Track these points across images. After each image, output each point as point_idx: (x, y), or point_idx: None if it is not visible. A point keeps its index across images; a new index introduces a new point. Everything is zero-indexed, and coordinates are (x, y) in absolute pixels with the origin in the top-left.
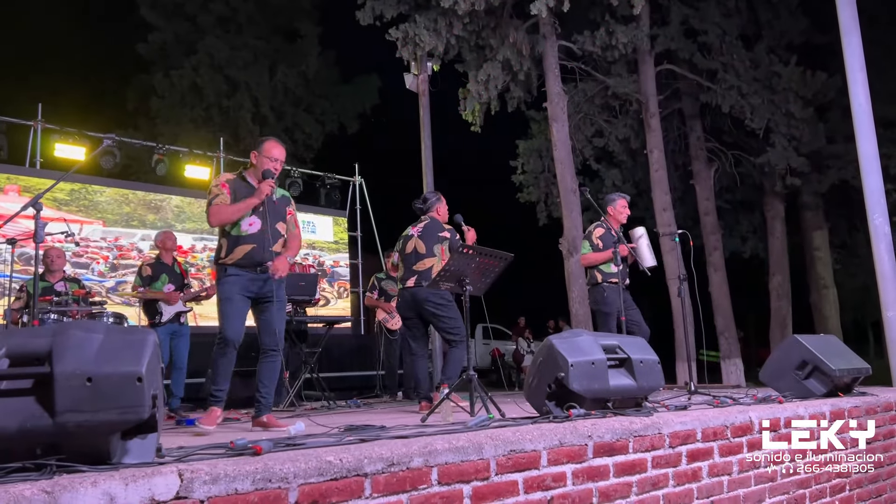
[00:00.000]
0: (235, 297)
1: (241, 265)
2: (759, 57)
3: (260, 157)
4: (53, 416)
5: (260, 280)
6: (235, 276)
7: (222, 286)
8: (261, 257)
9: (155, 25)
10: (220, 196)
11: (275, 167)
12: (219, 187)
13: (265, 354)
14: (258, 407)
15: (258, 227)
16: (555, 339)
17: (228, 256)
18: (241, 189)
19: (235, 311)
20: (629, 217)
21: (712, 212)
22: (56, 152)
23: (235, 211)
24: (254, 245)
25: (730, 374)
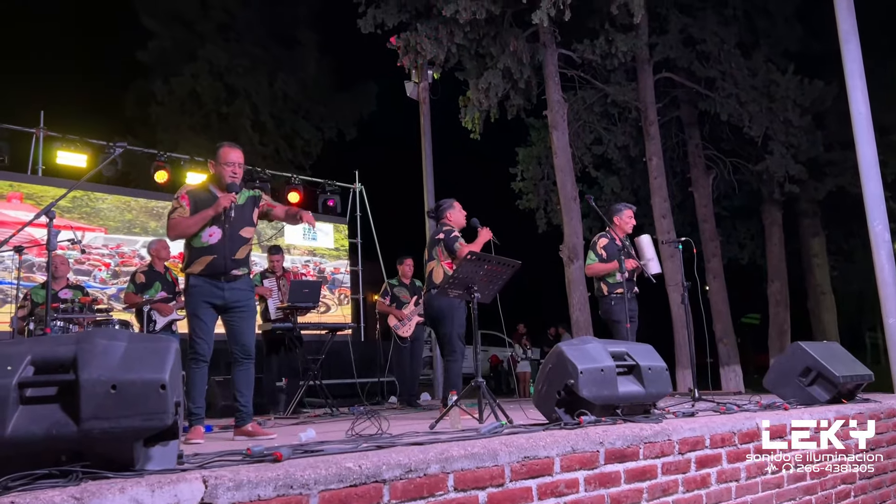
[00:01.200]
0: (201, 311)
1: (204, 275)
2: (756, 65)
3: (217, 165)
4: (78, 423)
5: (224, 289)
6: (198, 287)
7: (188, 299)
8: (222, 267)
9: (154, 32)
10: (180, 209)
11: (233, 171)
12: (178, 200)
13: (237, 364)
14: (240, 416)
15: (218, 237)
16: (564, 346)
17: (191, 267)
18: (204, 199)
19: (203, 326)
20: None
21: (710, 219)
22: (58, 159)
23: (192, 224)
24: (214, 255)
25: (729, 381)
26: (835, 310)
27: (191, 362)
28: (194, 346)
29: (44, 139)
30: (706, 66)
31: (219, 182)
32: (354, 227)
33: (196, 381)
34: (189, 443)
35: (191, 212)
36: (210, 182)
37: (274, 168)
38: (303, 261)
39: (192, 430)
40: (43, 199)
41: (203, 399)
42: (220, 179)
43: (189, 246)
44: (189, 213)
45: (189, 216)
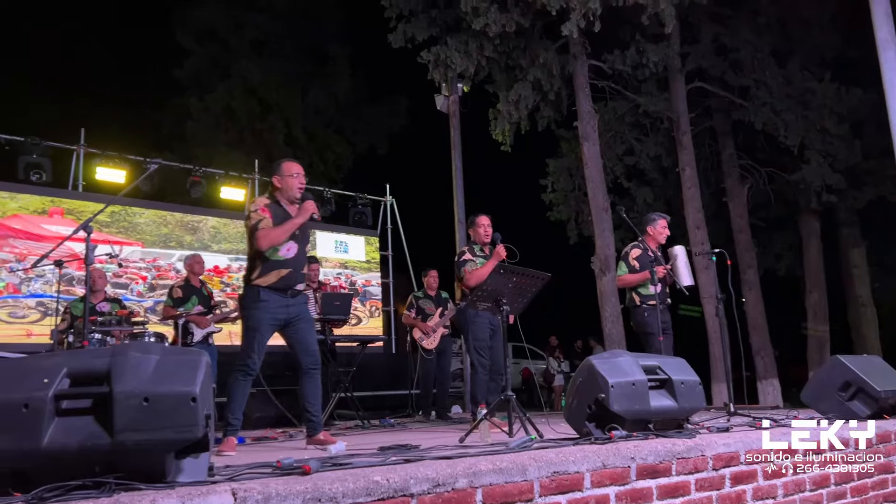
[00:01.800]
0: (264, 328)
1: (275, 288)
2: (791, 73)
3: (283, 178)
4: (112, 434)
5: (289, 304)
6: (266, 302)
7: (253, 312)
8: (294, 281)
9: (190, 50)
10: (264, 220)
11: (300, 182)
12: (259, 212)
13: (306, 373)
14: (311, 426)
15: (294, 251)
16: (595, 359)
17: (262, 278)
18: (278, 212)
19: (261, 341)
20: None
21: (746, 229)
22: (97, 175)
23: (283, 232)
24: (290, 269)
25: (767, 395)
26: (876, 322)
27: (238, 374)
28: (246, 359)
29: (84, 156)
30: (739, 75)
31: (285, 195)
32: (385, 239)
33: (239, 393)
34: (221, 454)
35: (273, 223)
36: (276, 196)
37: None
38: (334, 273)
39: (226, 442)
40: (83, 215)
41: (241, 412)
42: (286, 192)
43: (263, 259)
44: (272, 224)
45: (273, 227)
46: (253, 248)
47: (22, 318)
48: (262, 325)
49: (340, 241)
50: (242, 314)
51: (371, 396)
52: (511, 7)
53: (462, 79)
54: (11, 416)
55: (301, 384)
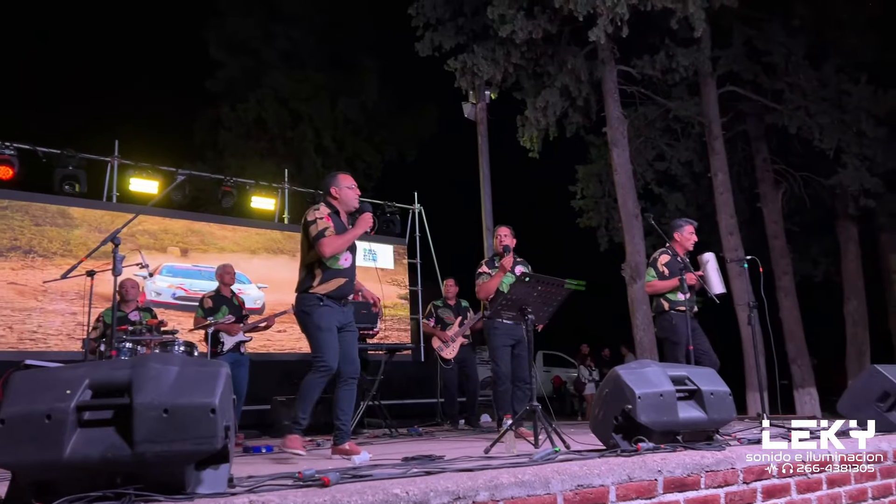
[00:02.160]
0: (333, 328)
1: (333, 297)
2: (826, 76)
3: (340, 189)
4: (132, 446)
5: (343, 312)
6: (329, 307)
7: (319, 314)
8: (349, 291)
9: (222, 62)
10: (329, 228)
11: (357, 193)
12: (324, 220)
13: (345, 382)
14: (339, 434)
15: (350, 261)
16: (621, 370)
17: (321, 286)
18: (337, 222)
19: (335, 341)
20: (696, 242)
21: (781, 235)
22: (131, 186)
23: (346, 241)
24: (346, 279)
25: (804, 404)
26: None
27: (317, 374)
28: (325, 358)
29: (118, 167)
30: (773, 79)
31: (342, 206)
32: (414, 247)
33: (313, 393)
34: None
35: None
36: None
37: None
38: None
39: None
40: (116, 225)
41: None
42: (344, 203)
43: (323, 267)
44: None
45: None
46: (312, 256)
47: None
48: (331, 324)
49: (368, 249)
50: (305, 320)
51: (400, 405)
52: (538, 14)
53: (489, 86)
54: (35, 427)
55: (336, 391)
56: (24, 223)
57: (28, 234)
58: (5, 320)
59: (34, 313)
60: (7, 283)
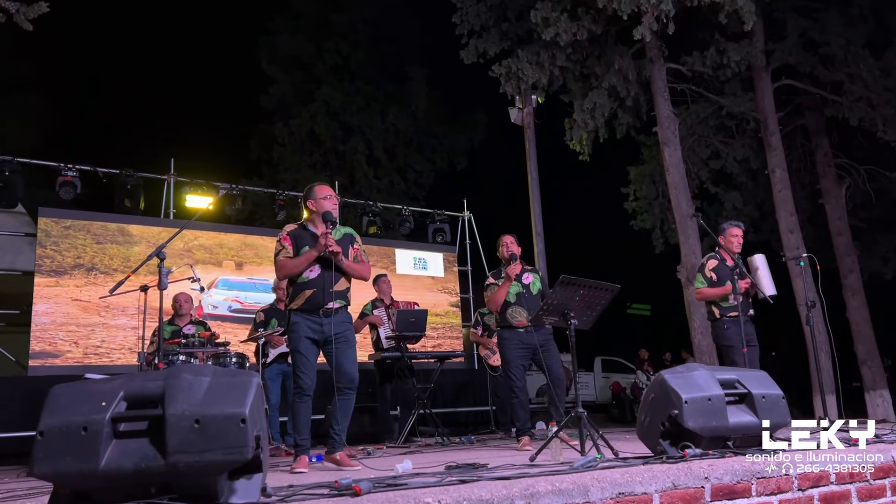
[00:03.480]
0: (302, 346)
1: (304, 310)
2: (889, 64)
3: (316, 201)
4: (165, 456)
5: (322, 323)
6: (298, 324)
7: (290, 335)
8: (321, 300)
9: (274, 78)
10: (283, 250)
11: (333, 203)
12: (280, 241)
13: (339, 392)
14: (332, 444)
15: (318, 272)
16: (667, 374)
17: (293, 302)
18: (303, 237)
19: (304, 361)
20: (753, 241)
21: (846, 232)
22: (187, 203)
23: (297, 265)
24: (314, 289)
25: (876, 408)
26: None
27: (295, 397)
28: (297, 380)
29: (174, 185)
30: (831, 70)
31: (317, 218)
32: (464, 255)
33: (300, 415)
34: (294, 472)
35: (293, 250)
36: (307, 220)
37: (388, 201)
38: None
39: (298, 460)
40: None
41: (308, 431)
42: (319, 214)
43: (291, 282)
44: (292, 253)
45: (293, 256)
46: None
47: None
48: (299, 344)
49: (419, 257)
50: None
51: (453, 413)
52: (582, 15)
53: (535, 90)
54: (72, 439)
55: (334, 402)
56: (87, 241)
57: (90, 252)
58: (70, 336)
59: (97, 328)
60: (72, 299)
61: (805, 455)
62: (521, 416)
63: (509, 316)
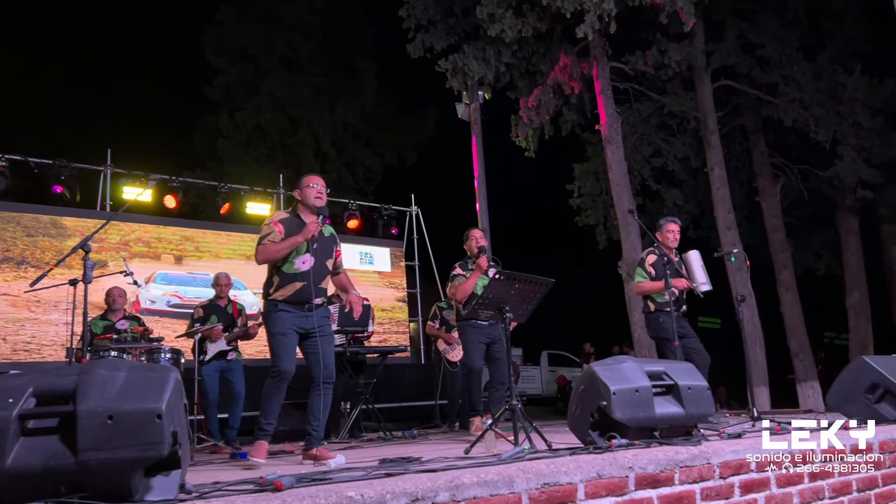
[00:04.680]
0: (288, 332)
1: (291, 301)
2: (821, 67)
3: (302, 190)
4: (76, 454)
5: (307, 317)
6: (286, 313)
7: (275, 320)
8: (309, 294)
9: (220, 69)
10: (272, 234)
11: (318, 193)
12: (270, 226)
13: (317, 387)
14: (309, 440)
15: (310, 264)
16: (597, 366)
17: (279, 292)
18: (294, 226)
19: (290, 345)
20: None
21: (780, 229)
22: (124, 195)
23: (280, 249)
24: (304, 283)
25: (807, 398)
26: None
27: (271, 379)
28: (278, 363)
29: (111, 176)
30: (767, 72)
31: (304, 207)
32: (411, 250)
33: (273, 398)
34: (251, 459)
35: (283, 238)
36: (297, 210)
37: (336, 195)
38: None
39: (257, 446)
40: (108, 235)
41: (275, 417)
42: (305, 203)
43: (279, 271)
44: (280, 240)
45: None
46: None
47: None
48: (286, 328)
49: (365, 252)
50: (265, 324)
51: (400, 408)
52: (527, 12)
53: (482, 86)
54: None
55: (310, 397)
56: (17, 234)
57: (21, 245)
58: None
59: (27, 324)
60: (0, 294)
61: (727, 444)
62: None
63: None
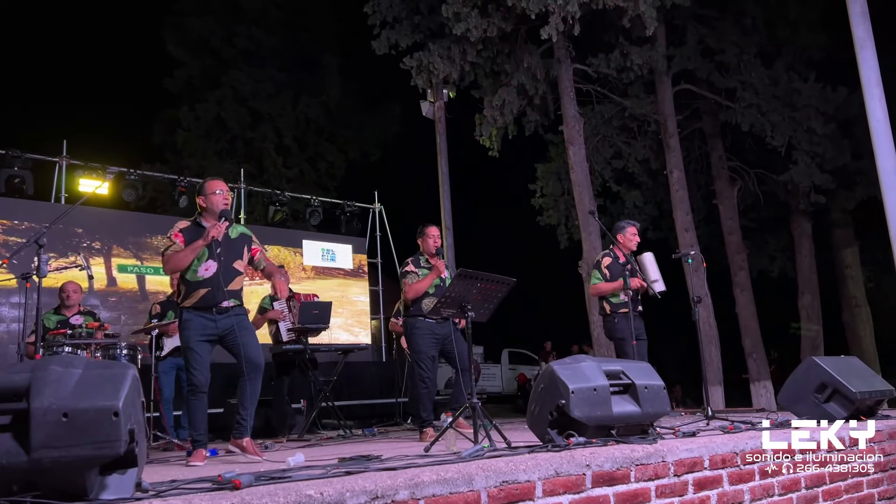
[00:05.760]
0: (195, 344)
1: (198, 308)
2: (778, 74)
3: (206, 197)
4: (29, 452)
5: (216, 321)
6: (191, 321)
7: (182, 332)
8: (214, 299)
9: (181, 61)
10: (174, 246)
11: (224, 199)
12: (171, 238)
13: (246, 378)
14: (238, 428)
15: (213, 270)
16: (556, 365)
17: (186, 301)
18: (194, 234)
19: (198, 358)
20: (652, 239)
21: (737, 231)
22: (80, 187)
23: (183, 256)
24: (209, 288)
25: (759, 397)
26: (871, 323)
27: (189, 394)
28: (190, 378)
29: (67, 167)
30: (726, 77)
31: (209, 214)
32: (374, 247)
33: (196, 411)
34: (190, 465)
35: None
36: (200, 216)
37: (298, 191)
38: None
39: (194, 454)
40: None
41: (205, 426)
42: (210, 210)
43: (184, 280)
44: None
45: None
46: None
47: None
48: (191, 341)
49: (327, 249)
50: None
51: (360, 405)
52: (492, 12)
53: (447, 84)
54: None
55: (239, 387)
56: None
57: None
58: None
59: None
60: None
61: (681, 443)
62: (427, 408)
63: (424, 306)
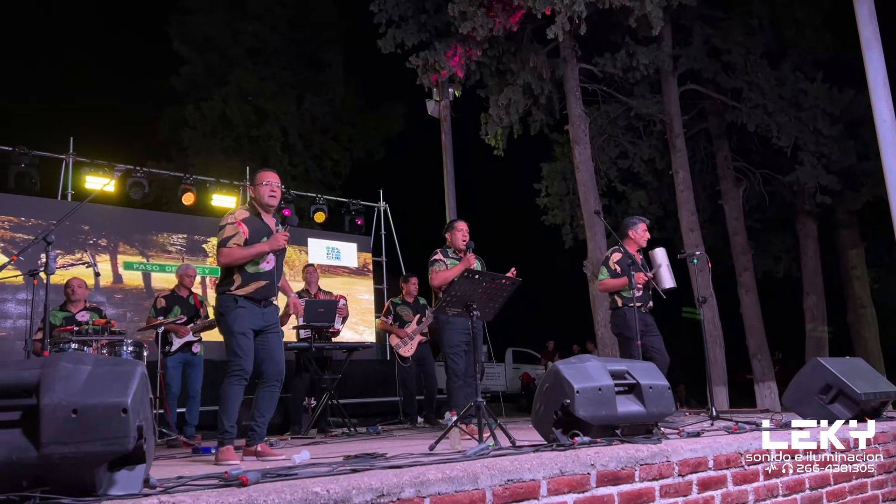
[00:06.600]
0: (248, 331)
1: (251, 298)
2: (784, 75)
3: (256, 188)
4: (39, 448)
5: (263, 313)
6: (244, 309)
7: (233, 318)
8: (270, 293)
9: (186, 58)
10: (236, 237)
11: (272, 190)
12: (235, 226)
13: (267, 383)
14: (252, 436)
15: (272, 264)
16: (561, 364)
17: (241, 289)
18: (256, 226)
19: (247, 344)
20: (656, 238)
21: (742, 232)
22: (87, 184)
23: (245, 256)
24: (267, 282)
25: (764, 398)
26: (876, 324)
27: (232, 378)
28: (239, 362)
29: (73, 164)
30: (732, 77)
31: (259, 204)
32: (379, 245)
33: (234, 401)
34: (221, 463)
35: (249, 239)
36: (254, 206)
37: (303, 189)
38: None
39: (224, 451)
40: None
41: (235, 418)
42: (259, 201)
43: (242, 270)
44: (243, 242)
45: (244, 246)
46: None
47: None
48: (245, 328)
49: (332, 247)
50: (220, 321)
51: (363, 403)
52: (498, 11)
53: (452, 83)
54: None
55: (258, 393)
56: None
57: None
58: None
59: None
60: None
61: (685, 443)
62: (461, 402)
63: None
